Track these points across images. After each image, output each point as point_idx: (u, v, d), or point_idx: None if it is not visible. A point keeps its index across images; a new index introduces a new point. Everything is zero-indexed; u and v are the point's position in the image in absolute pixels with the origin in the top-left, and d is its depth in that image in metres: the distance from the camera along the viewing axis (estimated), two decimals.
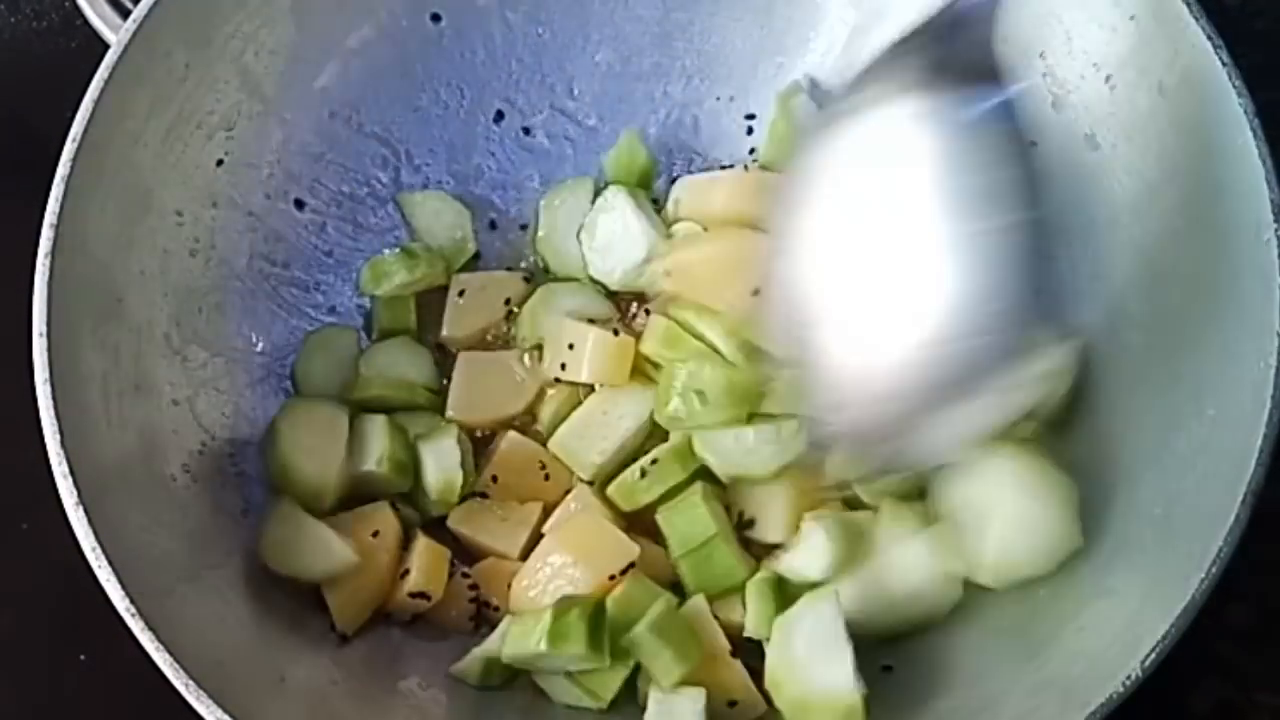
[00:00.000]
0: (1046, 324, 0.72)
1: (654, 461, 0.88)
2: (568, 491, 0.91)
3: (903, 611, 0.82)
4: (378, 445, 0.88)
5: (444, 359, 0.97)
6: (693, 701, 0.79)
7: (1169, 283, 0.82)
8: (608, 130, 1.03)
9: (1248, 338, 0.75)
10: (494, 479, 0.92)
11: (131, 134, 0.85)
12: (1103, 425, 0.83)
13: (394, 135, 1.02)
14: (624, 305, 0.98)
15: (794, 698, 0.79)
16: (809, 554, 0.82)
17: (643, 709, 0.80)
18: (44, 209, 0.79)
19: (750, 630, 0.83)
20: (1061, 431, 0.86)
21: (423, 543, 0.87)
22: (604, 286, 0.98)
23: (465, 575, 0.89)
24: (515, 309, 0.98)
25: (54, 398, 0.76)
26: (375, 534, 0.87)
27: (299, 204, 0.98)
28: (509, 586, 0.86)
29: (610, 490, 0.89)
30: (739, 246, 0.91)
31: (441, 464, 0.89)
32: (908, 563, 0.82)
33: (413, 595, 0.86)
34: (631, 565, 0.84)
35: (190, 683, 0.71)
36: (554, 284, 0.98)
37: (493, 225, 1.03)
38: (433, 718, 0.84)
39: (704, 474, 0.89)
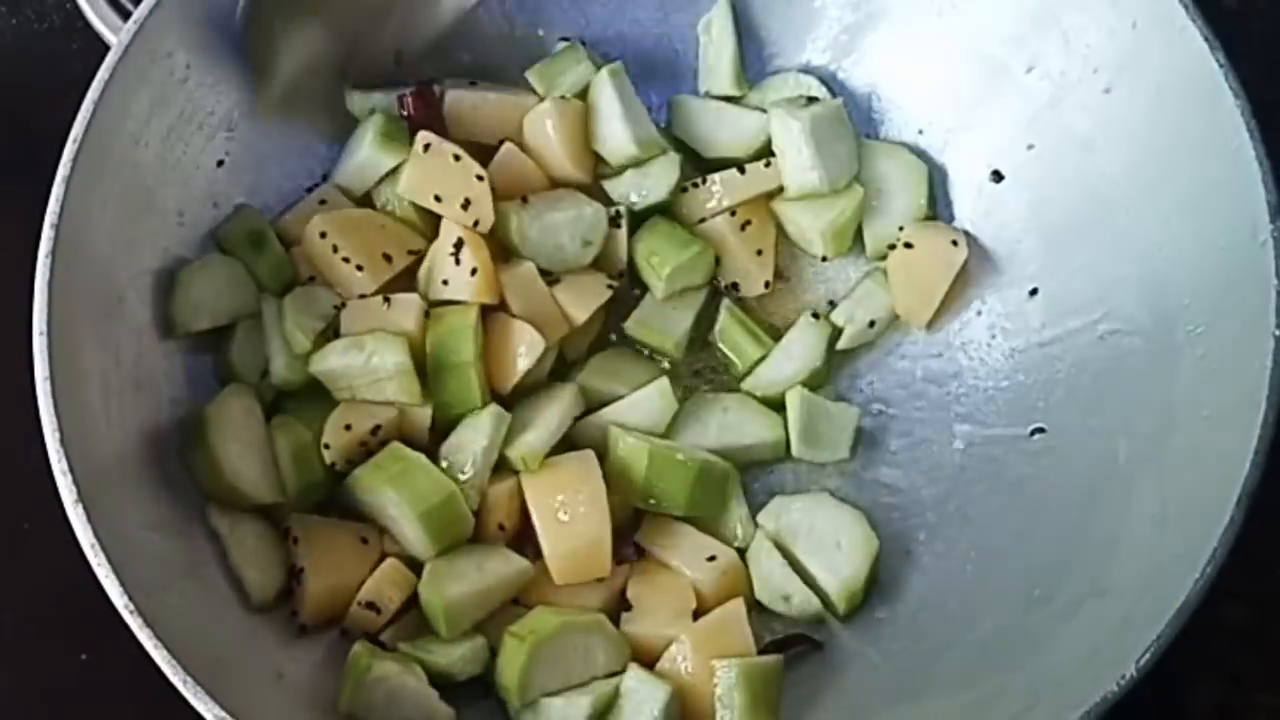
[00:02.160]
0: None
1: None
2: None
3: None
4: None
5: None
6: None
7: (1166, 284, 0.82)
8: None
9: (1244, 339, 0.75)
10: None
11: (132, 134, 0.85)
12: (1100, 425, 0.83)
13: None
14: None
15: None
16: None
17: None
18: (45, 209, 0.80)
19: None
20: (1061, 431, 0.86)
21: (390, 563, 0.86)
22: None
23: None
24: None
25: (54, 396, 0.76)
26: (364, 540, 0.87)
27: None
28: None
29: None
30: None
31: None
32: None
33: (361, 605, 0.85)
34: None
35: (188, 679, 0.71)
36: None
37: None
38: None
39: None
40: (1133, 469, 0.79)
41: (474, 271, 0.89)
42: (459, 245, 0.89)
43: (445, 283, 0.90)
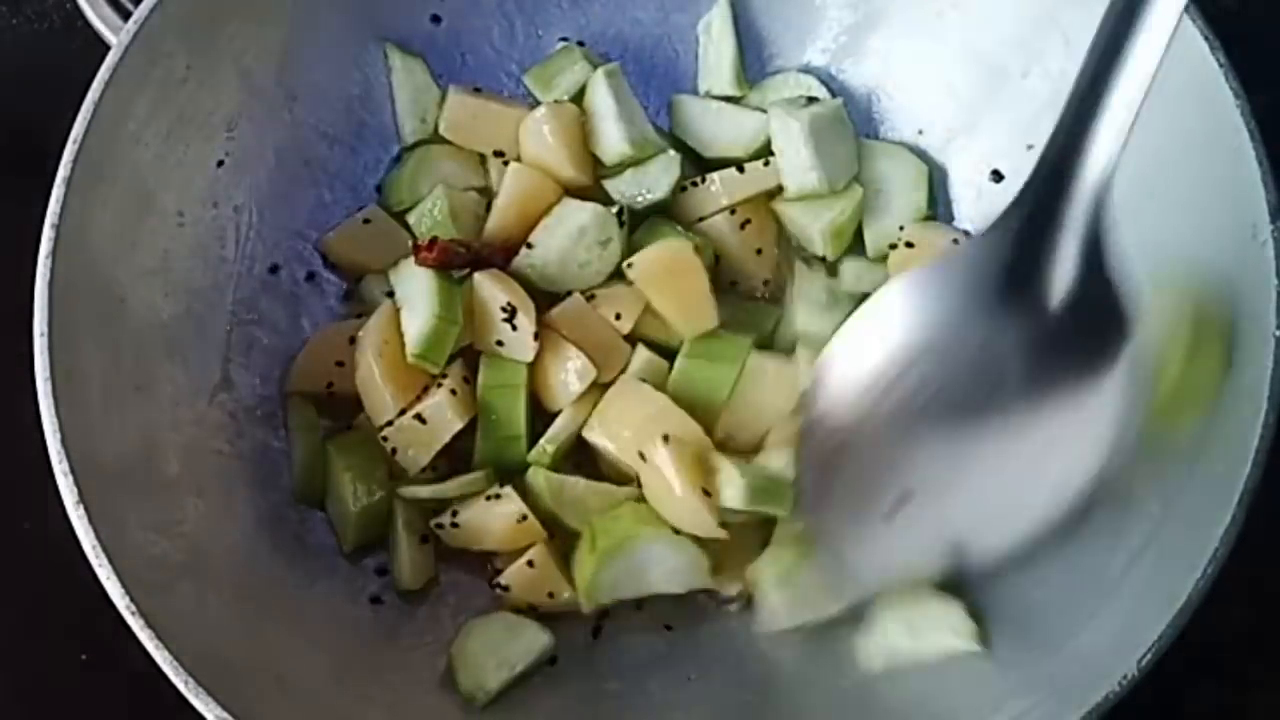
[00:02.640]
0: None
1: None
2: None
3: None
4: None
5: None
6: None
7: (1166, 284, 0.82)
8: None
9: (1245, 339, 0.75)
10: None
11: (132, 135, 0.85)
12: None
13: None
14: None
15: None
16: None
17: None
18: (45, 209, 0.80)
19: None
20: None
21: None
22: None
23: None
24: None
25: (55, 397, 0.76)
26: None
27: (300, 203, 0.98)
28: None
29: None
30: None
31: None
32: None
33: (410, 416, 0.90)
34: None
35: (189, 680, 0.71)
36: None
37: None
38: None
39: None
40: (1133, 469, 0.78)
41: (535, 335, 0.89)
42: (512, 311, 0.90)
43: (500, 343, 0.90)
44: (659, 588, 0.87)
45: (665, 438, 0.86)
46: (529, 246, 0.93)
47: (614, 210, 0.94)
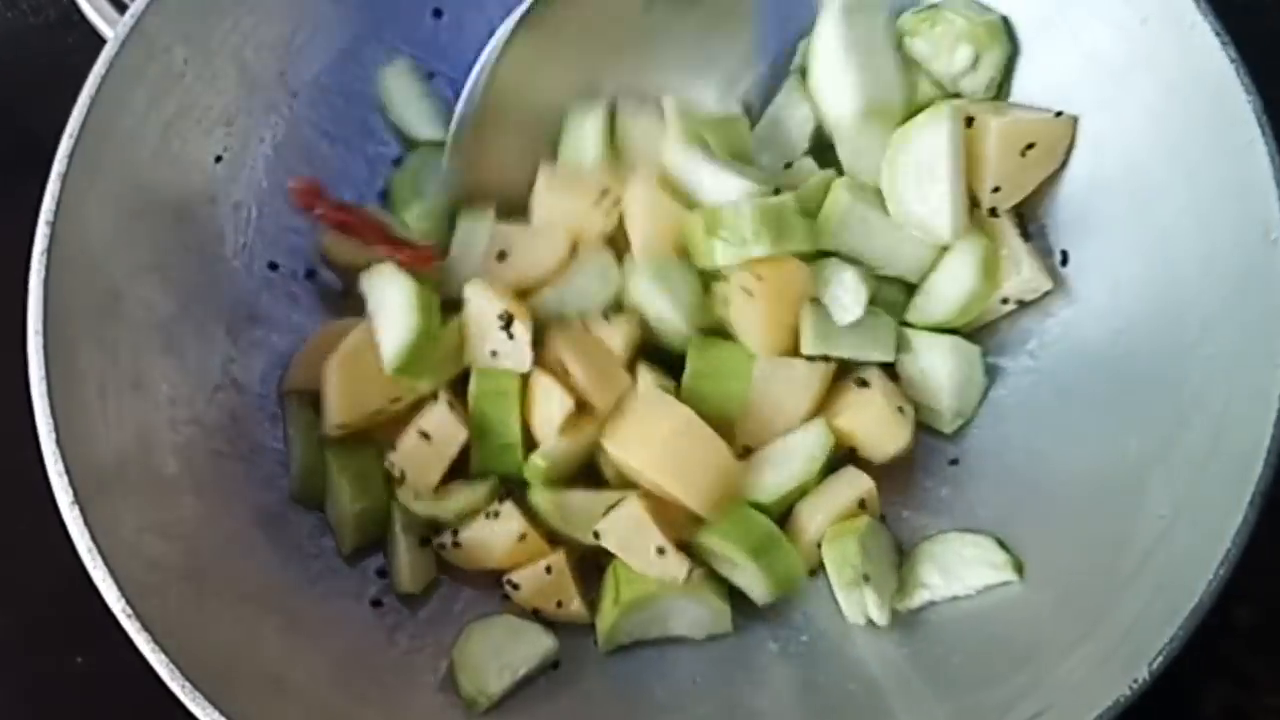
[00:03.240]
0: None
1: None
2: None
3: None
4: None
5: None
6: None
7: (1177, 282, 0.81)
8: None
9: (1255, 338, 0.75)
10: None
11: (129, 130, 0.85)
12: (1110, 425, 0.83)
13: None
14: None
15: None
16: None
17: None
18: (40, 205, 0.79)
19: None
20: (1071, 432, 0.86)
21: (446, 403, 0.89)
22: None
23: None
24: None
25: (50, 396, 0.76)
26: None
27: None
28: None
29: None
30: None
31: None
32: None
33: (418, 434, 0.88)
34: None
35: (186, 684, 0.71)
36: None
37: None
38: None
39: None
40: (1143, 469, 0.78)
41: (532, 344, 0.87)
42: (509, 319, 0.88)
43: (494, 354, 0.88)
44: (679, 633, 0.87)
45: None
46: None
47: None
